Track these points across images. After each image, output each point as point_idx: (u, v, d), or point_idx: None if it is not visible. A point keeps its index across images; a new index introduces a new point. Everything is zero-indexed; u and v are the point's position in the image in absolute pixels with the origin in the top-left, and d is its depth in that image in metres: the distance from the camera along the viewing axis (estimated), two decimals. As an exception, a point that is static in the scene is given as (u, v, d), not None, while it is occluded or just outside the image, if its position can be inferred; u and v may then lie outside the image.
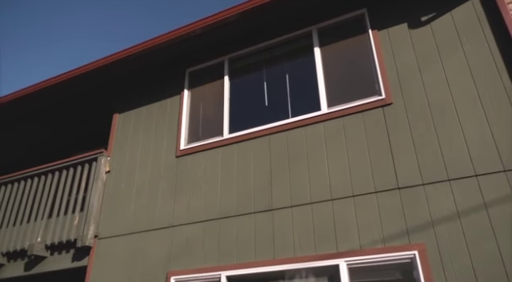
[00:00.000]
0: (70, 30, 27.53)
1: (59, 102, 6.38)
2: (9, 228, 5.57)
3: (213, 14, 4.95)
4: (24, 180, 5.85)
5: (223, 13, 4.88)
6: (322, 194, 3.89)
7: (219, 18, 4.90)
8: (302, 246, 3.75)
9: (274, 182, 4.19)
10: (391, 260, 3.35)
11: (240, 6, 4.80)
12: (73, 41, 28.04)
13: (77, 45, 28.89)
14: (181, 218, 4.50)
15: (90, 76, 5.78)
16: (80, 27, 26.81)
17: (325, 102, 4.37)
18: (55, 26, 27.07)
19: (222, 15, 4.89)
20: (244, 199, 4.25)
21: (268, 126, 4.53)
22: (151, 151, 5.19)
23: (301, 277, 3.70)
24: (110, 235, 4.88)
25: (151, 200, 4.82)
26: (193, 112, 5.26)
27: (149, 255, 4.49)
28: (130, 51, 5.40)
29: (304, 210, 3.90)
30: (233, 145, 4.63)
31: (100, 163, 5.31)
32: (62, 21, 26.13)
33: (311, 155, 4.14)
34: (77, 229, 5.05)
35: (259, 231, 4.01)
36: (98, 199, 5.15)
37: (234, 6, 4.84)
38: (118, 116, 5.81)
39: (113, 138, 5.64)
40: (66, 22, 26.35)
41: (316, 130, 4.25)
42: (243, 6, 4.78)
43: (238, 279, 3.92)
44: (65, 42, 28.31)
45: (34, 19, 25.89)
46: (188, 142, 5.02)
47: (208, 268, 4.06)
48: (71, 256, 5.00)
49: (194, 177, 4.68)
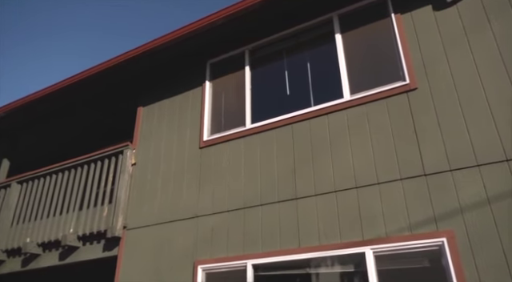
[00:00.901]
0: (83, 25, 28.08)
1: (86, 97, 6.55)
2: (43, 220, 5.81)
3: (232, 5, 4.93)
4: (55, 174, 6.06)
5: (243, 3, 4.86)
6: (346, 182, 3.86)
7: (239, 8, 4.89)
8: (327, 234, 3.74)
9: (297, 171, 4.18)
10: (419, 248, 3.30)
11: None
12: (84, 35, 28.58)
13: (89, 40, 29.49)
14: (206, 208, 4.57)
15: (113, 71, 5.89)
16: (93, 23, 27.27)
17: (347, 90, 4.31)
18: (67, 20, 27.62)
19: (241, 5, 4.87)
20: (268, 189, 4.27)
21: (290, 115, 4.51)
22: (175, 142, 5.27)
23: (326, 265, 3.70)
24: (138, 225, 5.01)
25: (176, 191, 4.91)
26: (215, 103, 5.30)
27: (175, 244, 4.59)
28: (151, 45, 5.47)
29: (328, 198, 3.88)
30: (255, 135, 4.64)
31: (126, 156, 5.43)
32: (73, 15, 26.62)
33: (334, 143, 4.11)
34: (106, 220, 5.21)
35: (284, 220, 4.02)
36: (125, 191, 5.29)
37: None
38: (142, 109, 5.91)
39: (137, 131, 5.75)
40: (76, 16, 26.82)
41: (339, 117, 4.20)
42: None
43: (264, 267, 3.96)
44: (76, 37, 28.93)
45: (41, 11, 26.32)
46: (211, 133, 5.07)
47: (234, 257, 4.11)
48: (102, 246, 5.16)
49: (218, 167, 4.73)
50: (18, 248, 5.82)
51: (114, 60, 5.76)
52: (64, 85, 6.15)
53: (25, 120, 7.18)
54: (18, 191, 6.40)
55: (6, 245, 5.97)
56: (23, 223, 6.03)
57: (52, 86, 6.29)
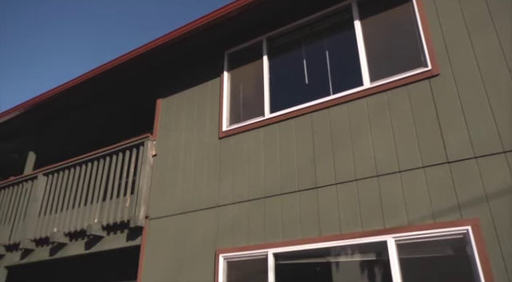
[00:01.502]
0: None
1: (106, 90, 6.65)
2: (69, 210, 5.98)
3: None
4: (79, 166, 6.22)
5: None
6: (366, 170, 3.82)
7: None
8: (348, 223, 3.73)
9: (317, 160, 4.17)
10: (442, 236, 3.25)
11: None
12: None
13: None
14: (226, 198, 4.61)
15: (132, 64, 5.96)
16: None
17: (367, 77, 4.24)
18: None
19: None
20: (288, 178, 4.27)
21: (309, 104, 4.49)
22: (194, 133, 5.32)
23: (347, 254, 3.70)
24: (160, 215, 5.10)
25: (197, 181, 4.96)
26: (233, 93, 5.30)
27: (197, 234, 4.66)
28: (169, 37, 5.50)
29: (349, 187, 3.86)
30: (274, 124, 4.64)
31: (147, 148, 5.51)
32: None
33: (354, 131, 4.06)
34: (129, 210, 5.33)
35: (304, 209, 4.03)
36: (147, 182, 5.38)
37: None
38: (162, 101, 5.97)
39: (157, 123, 5.82)
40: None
41: (359, 106, 4.15)
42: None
43: (285, 256, 3.99)
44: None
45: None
46: (230, 123, 5.09)
47: (255, 246, 4.15)
48: (125, 236, 5.28)
49: (238, 157, 4.75)
50: (45, 238, 6.02)
51: (132, 53, 5.82)
52: (86, 78, 6.27)
53: (48, 114, 7.37)
54: (45, 183, 6.59)
55: (35, 234, 6.19)
56: (50, 214, 6.22)
57: (74, 80, 6.42)
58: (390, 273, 3.34)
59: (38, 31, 29.38)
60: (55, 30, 29.66)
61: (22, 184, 6.96)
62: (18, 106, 7.12)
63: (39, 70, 33.20)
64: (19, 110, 7.16)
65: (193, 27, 5.32)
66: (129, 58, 5.85)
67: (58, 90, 6.63)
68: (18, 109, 7.15)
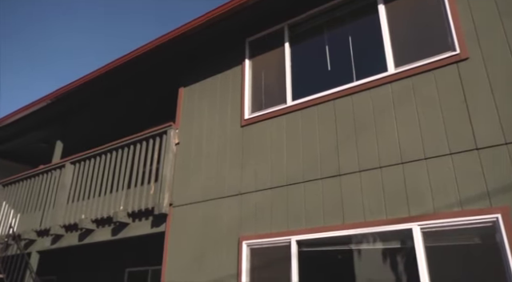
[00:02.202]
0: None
1: (129, 80, 6.74)
2: (95, 198, 6.15)
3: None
4: (104, 154, 6.36)
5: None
6: (391, 158, 3.76)
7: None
8: (372, 210, 3.69)
9: (340, 147, 4.13)
10: (470, 224, 3.18)
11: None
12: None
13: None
14: (249, 185, 4.63)
15: (154, 53, 6.00)
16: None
17: (391, 63, 4.15)
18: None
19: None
20: (311, 166, 4.25)
21: (332, 91, 4.43)
22: (217, 121, 5.34)
23: (372, 241, 3.67)
24: (184, 203, 5.18)
25: (220, 169, 5.00)
26: (255, 81, 5.29)
27: (220, 221, 4.71)
28: (190, 26, 5.50)
29: (373, 174, 3.81)
30: (297, 112, 4.61)
31: (169, 136, 5.58)
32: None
33: (378, 118, 3.99)
34: (153, 198, 5.43)
35: (327, 197, 4.01)
36: (170, 170, 5.46)
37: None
38: (183, 90, 6.01)
39: (180, 112, 5.87)
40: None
41: (383, 92, 4.07)
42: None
43: (308, 243, 3.99)
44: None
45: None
46: (252, 111, 5.08)
47: (278, 233, 4.17)
48: (150, 223, 5.40)
49: (260, 145, 4.75)
50: (74, 224, 6.23)
51: (154, 42, 5.86)
52: (109, 68, 6.36)
53: (74, 104, 7.54)
54: (72, 171, 6.79)
55: (64, 221, 6.40)
56: (78, 201, 6.42)
57: (97, 70, 6.52)
58: (415, 261, 3.30)
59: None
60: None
61: (50, 172, 7.19)
62: (46, 97, 7.31)
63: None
64: (47, 100, 7.36)
65: (213, 15, 5.31)
66: (150, 47, 5.90)
67: (83, 80, 6.76)
68: (46, 99, 7.35)
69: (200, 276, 4.59)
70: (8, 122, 8.09)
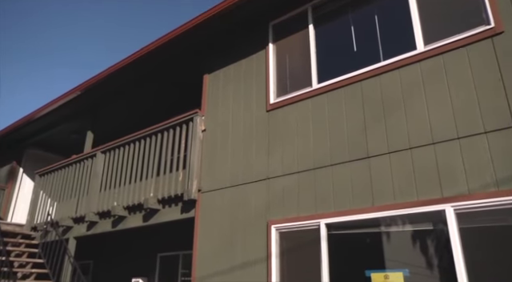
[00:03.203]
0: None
1: (154, 69, 6.81)
2: (126, 186, 6.32)
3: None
4: (133, 143, 6.50)
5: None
6: (421, 138, 3.67)
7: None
8: (403, 192, 3.63)
9: (368, 129, 4.05)
10: (506, 205, 3.08)
11: None
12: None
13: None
14: (276, 170, 4.64)
15: (178, 40, 6.02)
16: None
17: (420, 40, 4.01)
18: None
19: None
20: (338, 149, 4.20)
21: (358, 72, 4.34)
22: (242, 107, 5.34)
23: (402, 224, 3.61)
24: (212, 189, 5.24)
25: (246, 154, 5.02)
26: (279, 65, 5.24)
27: (248, 206, 4.75)
28: (213, 11, 5.47)
29: (403, 156, 3.73)
30: (323, 95, 4.54)
31: (196, 123, 5.63)
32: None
33: (408, 98, 3.89)
34: (182, 185, 5.53)
35: (356, 179, 3.96)
36: (198, 157, 5.52)
37: None
38: (208, 76, 6.03)
39: (205, 99, 5.90)
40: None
41: (412, 71, 3.95)
42: None
43: (337, 226, 3.97)
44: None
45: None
46: (277, 96, 5.05)
47: (306, 217, 4.17)
48: (180, 209, 5.51)
49: (286, 130, 4.73)
50: (107, 211, 6.43)
51: (177, 30, 5.87)
52: (134, 58, 6.43)
53: (103, 94, 7.70)
54: (103, 160, 6.99)
55: (97, 208, 6.63)
56: (109, 189, 6.61)
57: (123, 61, 6.61)
58: (448, 243, 3.24)
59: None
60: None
61: (83, 162, 7.43)
62: (76, 88, 7.50)
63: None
64: (76, 92, 7.55)
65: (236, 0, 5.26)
66: (174, 35, 5.91)
67: (108, 71, 6.88)
68: (75, 91, 7.54)
69: (230, 260, 4.66)
70: (40, 114, 8.37)
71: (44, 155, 9.91)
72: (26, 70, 35.57)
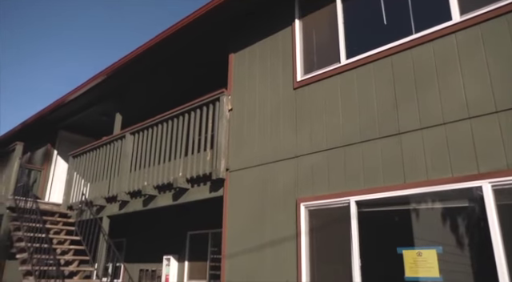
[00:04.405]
0: None
1: (180, 50, 6.81)
2: (155, 166, 6.45)
3: None
4: (161, 124, 6.59)
5: None
6: (456, 113, 3.53)
7: None
8: (436, 168, 3.53)
9: (399, 105, 3.94)
10: (548, 180, 2.95)
11: None
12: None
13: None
14: (304, 148, 4.60)
15: (202, 20, 5.96)
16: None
17: (456, 10, 3.81)
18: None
19: None
20: (368, 125, 4.12)
21: (389, 46, 4.19)
22: (268, 85, 5.29)
23: (435, 201, 3.53)
24: (240, 167, 5.27)
25: (274, 133, 5.00)
26: (306, 42, 5.13)
27: (277, 184, 4.76)
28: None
29: (436, 131, 3.61)
30: (351, 71, 4.43)
31: (222, 102, 5.63)
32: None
33: (442, 71, 3.74)
34: (210, 164, 5.59)
35: (386, 156, 3.89)
36: (225, 136, 5.55)
37: None
38: (233, 56, 5.98)
39: (231, 78, 5.88)
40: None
41: (446, 43, 3.78)
42: None
43: (368, 204, 3.93)
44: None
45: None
46: (304, 73, 4.97)
47: (336, 194, 4.14)
48: (208, 188, 5.58)
49: (314, 107, 4.67)
50: (138, 191, 6.61)
51: (200, 10, 5.81)
52: (159, 39, 6.43)
53: (130, 76, 7.78)
54: (132, 142, 7.13)
55: (129, 188, 6.81)
56: (139, 169, 6.77)
57: (148, 42, 6.63)
58: (484, 221, 3.15)
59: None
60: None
61: (113, 143, 7.61)
62: (102, 72, 7.63)
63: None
64: (103, 75, 7.67)
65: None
66: (197, 15, 5.86)
67: (133, 54, 6.93)
68: (102, 75, 7.67)
69: (259, 238, 4.72)
70: (71, 98, 8.59)
71: (76, 138, 10.22)
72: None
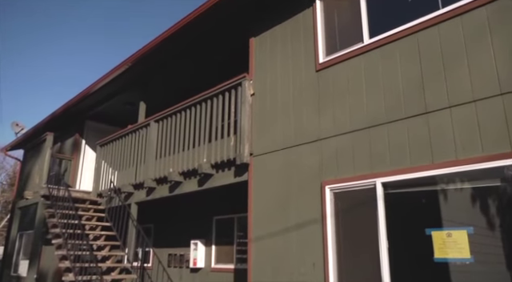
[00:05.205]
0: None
1: (200, 36, 6.79)
2: (180, 152, 6.54)
3: None
4: (184, 111, 6.65)
5: None
6: (487, 89, 3.41)
7: None
8: (466, 148, 3.43)
9: (426, 83, 3.83)
10: None
11: None
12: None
13: None
14: (328, 130, 4.56)
15: (222, 5, 5.90)
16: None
17: (486, -19, 3.63)
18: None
19: None
20: (393, 106, 4.03)
21: (414, 23, 4.06)
22: (290, 68, 5.23)
23: (465, 180, 3.44)
24: (263, 152, 5.28)
25: (297, 116, 4.97)
26: (327, 23, 5.02)
27: (301, 167, 4.74)
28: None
29: (465, 109, 3.50)
30: (375, 50, 4.32)
31: (244, 87, 5.62)
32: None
33: (471, 47, 3.59)
34: (234, 149, 5.62)
35: (413, 136, 3.80)
36: (248, 121, 5.55)
37: None
38: (254, 40, 5.94)
39: (252, 62, 5.84)
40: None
41: (476, 16, 3.62)
42: None
43: (394, 185, 3.87)
44: None
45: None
46: (326, 54, 4.88)
47: (361, 176, 4.10)
48: (233, 173, 5.63)
49: (337, 89, 4.59)
50: (164, 177, 6.73)
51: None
52: (181, 25, 6.40)
53: (153, 64, 7.83)
54: (156, 129, 7.25)
55: (155, 175, 6.95)
56: (165, 156, 6.89)
57: (169, 29, 6.64)
58: (517, 199, 3.05)
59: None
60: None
61: (138, 131, 7.75)
62: (126, 61, 7.72)
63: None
64: (127, 64, 7.77)
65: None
66: (215, 1, 5.80)
67: (154, 42, 6.94)
68: (125, 64, 7.76)
69: (284, 221, 4.74)
70: (96, 88, 8.76)
71: (102, 127, 10.46)
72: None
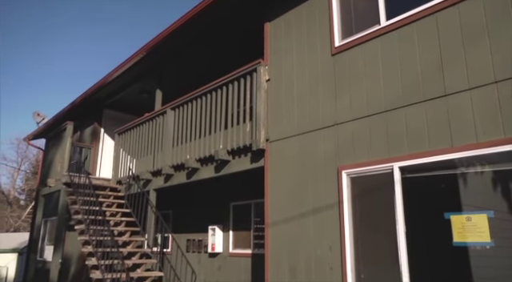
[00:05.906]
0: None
1: (214, 22, 6.76)
2: (197, 139, 6.60)
3: None
4: (200, 98, 6.69)
5: None
6: (510, 70, 3.31)
7: None
8: (486, 131, 3.37)
9: (445, 65, 3.74)
10: None
11: None
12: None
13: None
14: (344, 115, 4.52)
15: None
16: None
17: (509, -43, 3.50)
18: None
19: None
20: (411, 89, 3.96)
21: (432, 3, 3.96)
22: (305, 53, 5.18)
23: (485, 164, 3.39)
24: (280, 137, 5.28)
25: (313, 101, 4.93)
26: (343, 5, 4.93)
27: (318, 152, 4.73)
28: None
29: (486, 91, 3.42)
30: (392, 32, 4.24)
31: (259, 73, 5.60)
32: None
33: (494, 25, 3.49)
34: (250, 135, 5.64)
35: (432, 119, 3.74)
36: (264, 107, 5.54)
37: None
38: (269, 25, 5.88)
39: (267, 48, 5.80)
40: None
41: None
42: None
43: (412, 169, 3.84)
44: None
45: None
46: (342, 38, 4.81)
47: (378, 161, 4.07)
48: (249, 159, 5.66)
49: (353, 73, 4.54)
50: (181, 164, 6.82)
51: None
52: (196, 11, 6.37)
53: (166, 53, 7.87)
54: (173, 117, 7.31)
55: (172, 162, 7.05)
56: (181, 144, 6.96)
57: (184, 17, 6.62)
58: (540, 182, 2.99)
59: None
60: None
61: (155, 119, 7.84)
62: (141, 50, 7.76)
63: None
64: (142, 53, 7.81)
65: None
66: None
67: (168, 30, 6.93)
68: (140, 52, 7.81)
69: (301, 206, 4.76)
70: (113, 77, 8.86)
71: (119, 115, 10.60)
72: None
